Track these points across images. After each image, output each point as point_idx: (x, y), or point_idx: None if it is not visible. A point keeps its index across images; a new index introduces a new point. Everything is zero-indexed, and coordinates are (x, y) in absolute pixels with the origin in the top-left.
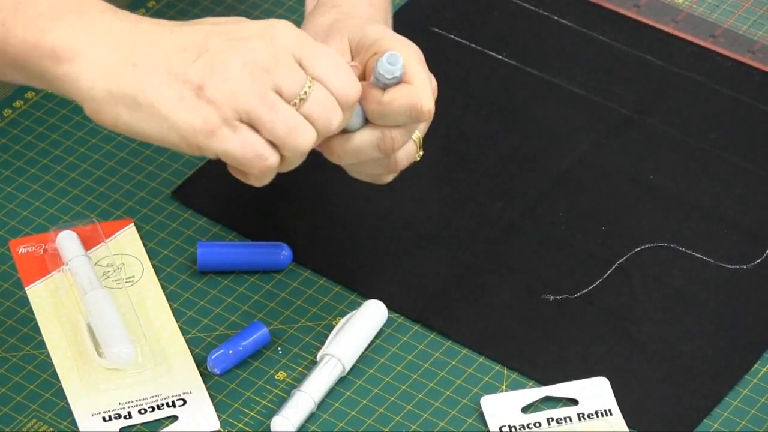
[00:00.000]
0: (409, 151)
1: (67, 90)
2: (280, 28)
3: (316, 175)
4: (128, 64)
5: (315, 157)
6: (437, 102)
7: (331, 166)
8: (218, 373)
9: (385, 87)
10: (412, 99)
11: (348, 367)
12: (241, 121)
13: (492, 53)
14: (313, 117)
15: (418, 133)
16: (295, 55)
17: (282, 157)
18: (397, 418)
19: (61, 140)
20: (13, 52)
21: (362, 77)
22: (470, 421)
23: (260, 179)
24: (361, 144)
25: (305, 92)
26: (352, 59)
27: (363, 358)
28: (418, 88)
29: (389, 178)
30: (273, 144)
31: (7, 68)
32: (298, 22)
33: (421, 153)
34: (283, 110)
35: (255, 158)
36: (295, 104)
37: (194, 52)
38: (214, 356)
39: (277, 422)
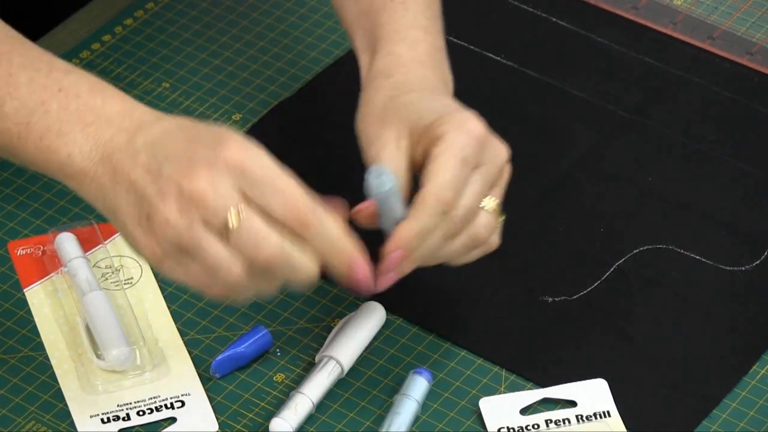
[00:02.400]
0: (488, 224)
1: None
2: (226, 150)
3: (314, 176)
4: (112, 179)
5: (312, 157)
6: None
7: (328, 167)
8: (218, 376)
9: (381, 200)
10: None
11: (346, 369)
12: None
13: (490, 55)
14: (239, 247)
15: (492, 201)
16: (234, 182)
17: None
18: None
19: None
20: (31, 164)
21: (419, 168)
22: (469, 422)
23: (230, 300)
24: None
25: (233, 224)
26: (412, 145)
27: (361, 360)
28: (429, 190)
29: (489, 248)
30: None
31: (32, 170)
32: (298, 24)
33: (503, 217)
34: (205, 245)
35: (202, 288)
36: (224, 235)
37: (153, 174)
38: (216, 363)
39: (275, 424)
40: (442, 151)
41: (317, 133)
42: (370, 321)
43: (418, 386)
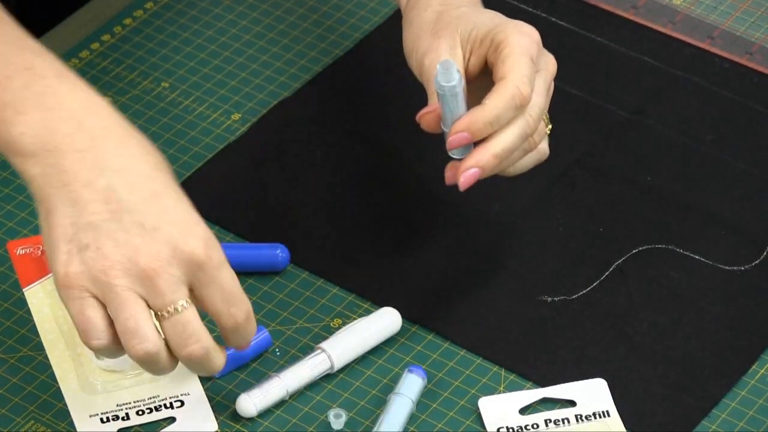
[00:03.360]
0: (540, 129)
1: (25, 183)
2: (192, 241)
3: (313, 176)
4: (58, 179)
5: (311, 157)
6: None
7: (327, 167)
8: (218, 376)
9: (446, 95)
10: (509, 92)
11: (337, 366)
12: (95, 297)
13: None
14: (167, 332)
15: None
16: (188, 274)
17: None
18: None
19: None
20: None
21: (479, 73)
22: (468, 422)
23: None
24: (506, 143)
25: (171, 313)
26: (464, 54)
27: (361, 360)
28: (509, 81)
29: (537, 157)
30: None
31: None
32: (297, 23)
33: (550, 126)
34: (134, 313)
35: (83, 332)
36: (160, 315)
37: (111, 210)
38: None
39: (241, 399)
40: (511, 51)
41: (317, 133)
42: (380, 327)
43: (411, 384)
